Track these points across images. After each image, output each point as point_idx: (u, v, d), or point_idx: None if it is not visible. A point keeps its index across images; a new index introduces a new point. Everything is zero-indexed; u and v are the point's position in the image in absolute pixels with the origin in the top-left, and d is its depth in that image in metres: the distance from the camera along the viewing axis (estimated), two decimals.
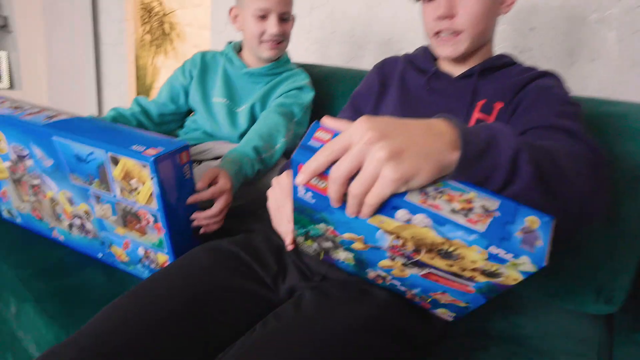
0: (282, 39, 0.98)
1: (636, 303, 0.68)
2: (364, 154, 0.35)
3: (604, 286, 0.66)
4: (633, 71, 0.94)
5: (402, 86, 0.76)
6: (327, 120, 0.42)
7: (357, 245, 0.48)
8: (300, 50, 1.54)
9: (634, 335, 0.64)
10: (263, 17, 0.94)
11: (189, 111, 1.11)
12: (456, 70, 0.72)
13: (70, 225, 0.72)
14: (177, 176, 0.60)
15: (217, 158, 0.96)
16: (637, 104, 0.77)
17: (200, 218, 0.68)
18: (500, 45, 1.10)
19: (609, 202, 0.49)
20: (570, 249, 0.69)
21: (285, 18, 0.97)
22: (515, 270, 0.38)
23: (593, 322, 0.68)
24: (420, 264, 0.45)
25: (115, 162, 0.58)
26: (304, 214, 0.48)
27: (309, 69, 1.22)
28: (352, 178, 0.37)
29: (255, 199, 0.90)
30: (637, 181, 0.68)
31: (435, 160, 0.36)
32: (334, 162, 0.37)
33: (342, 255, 0.53)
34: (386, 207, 0.39)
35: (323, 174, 0.39)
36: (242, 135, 1.01)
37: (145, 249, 0.66)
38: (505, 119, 0.65)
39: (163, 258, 0.65)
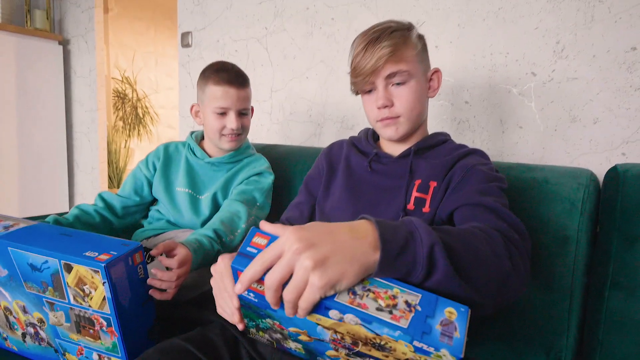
0: (241, 132, 1.05)
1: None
2: (293, 263, 0.39)
3: (551, 347, 0.69)
4: (555, 135, 1.04)
5: (347, 168, 0.81)
6: (264, 225, 0.46)
7: (303, 338, 0.50)
8: (262, 131, 1.64)
9: None
10: (223, 113, 1.01)
11: (153, 201, 1.14)
12: (395, 151, 0.79)
13: (24, 335, 0.70)
14: (130, 277, 0.62)
15: None
16: (556, 167, 0.85)
17: (158, 277, 0.69)
18: (441, 117, 1.21)
19: (528, 277, 0.53)
20: (516, 314, 0.72)
21: (244, 113, 1.04)
22: None
23: None
24: (361, 354, 0.47)
25: (69, 269, 0.59)
26: (250, 310, 0.50)
27: (270, 149, 1.30)
28: (286, 282, 0.40)
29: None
30: (565, 241, 0.73)
31: (359, 263, 0.40)
32: (268, 269, 0.41)
33: (292, 345, 0.55)
34: (320, 307, 0.42)
35: (261, 279, 0.43)
36: (204, 223, 1.03)
37: (99, 354, 0.65)
38: (439, 196, 0.70)
39: None
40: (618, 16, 0.94)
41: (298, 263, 0.39)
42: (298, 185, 1.16)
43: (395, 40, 0.70)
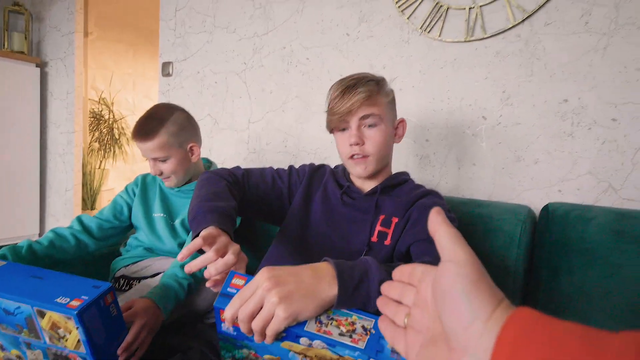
0: (167, 176, 1.09)
1: None
2: (263, 298, 0.47)
3: None
4: (503, 172, 1.17)
5: (324, 195, 0.89)
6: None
7: None
8: (239, 159, 1.72)
9: None
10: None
11: (130, 226, 1.19)
12: (364, 186, 0.88)
13: None
14: (103, 318, 0.65)
15: (156, 274, 1.03)
16: (501, 204, 0.97)
17: (123, 347, 0.70)
18: (406, 153, 1.33)
19: None
20: None
21: (161, 160, 1.06)
22: None
23: None
24: None
25: (42, 314, 0.61)
26: (228, 342, 0.57)
27: None
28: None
29: (190, 312, 0.96)
30: (505, 271, 0.84)
31: (318, 299, 0.49)
32: None
33: None
34: (292, 335, 0.50)
35: None
36: (181, 244, 1.10)
37: None
38: (400, 231, 0.79)
39: None
40: (552, 72, 1.09)
41: (267, 299, 0.47)
42: None
43: (370, 87, 0.80)
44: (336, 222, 0.85)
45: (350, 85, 0.80)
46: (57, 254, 1.03)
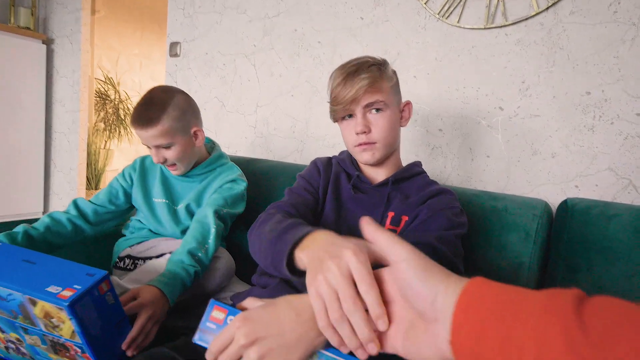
0: (173, 163, 1.03)
1: None
2: (241, 354, 0.44)
3: None
4: (519, 165, 1.14)
5: (335, 188, 0.85)
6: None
7: None
8: (247, 144, 1.69)
9: None
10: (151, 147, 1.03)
11: (129, 209, 1.16)
12: (374, 175, 0.85)
13: (7, 348, 0.72)
14: (98, 307, 0.61)
15: (161, 255, 1.01)
16: (516, 197, 0.94)
17: (127, 342, 0.68)
18: (417, 142, 1.29)
19: None
20: None
21: (164, 147, 1.01)
22: None
23: None
24: None
25: (34, 303, 0.59)
26: None
27: (253, 163, 1.34)
28: None
29: (197, 294, 0.94)
30: (519, 266, 0.81)
31: (304, 346, 0.44)
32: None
33: None
34: None
35: None
36: (184, 231, 1.06)
37: None
38: (406, 229, 0.76)
39: None
40: (575, 63, 1.04)
41: (245, 356, 0.43)
42: (277, 198, 1.20)
43: (373, 73, 0.77)
44: (346, 220, 0.81)
45: (352, 71, 0.77)
46: (54, 239, 1.00)
